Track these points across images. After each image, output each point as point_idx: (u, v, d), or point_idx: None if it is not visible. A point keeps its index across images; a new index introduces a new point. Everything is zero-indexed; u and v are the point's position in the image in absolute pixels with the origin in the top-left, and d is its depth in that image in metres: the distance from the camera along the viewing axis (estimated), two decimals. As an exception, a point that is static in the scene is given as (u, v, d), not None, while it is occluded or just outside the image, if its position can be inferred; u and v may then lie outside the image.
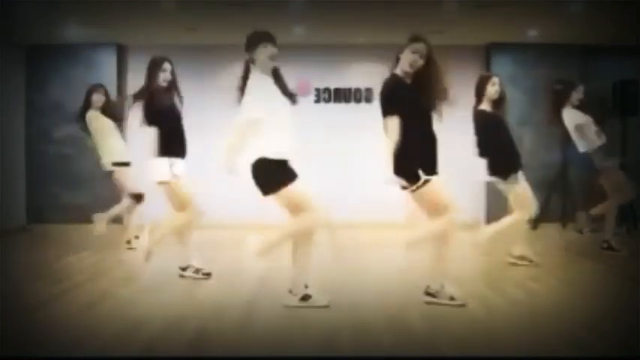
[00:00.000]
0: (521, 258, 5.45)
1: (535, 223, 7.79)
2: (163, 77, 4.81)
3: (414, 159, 3.86)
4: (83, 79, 7.93)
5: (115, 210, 6.23)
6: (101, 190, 7.72)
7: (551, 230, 7.46)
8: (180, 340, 3.40)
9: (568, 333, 3.51)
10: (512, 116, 8.12)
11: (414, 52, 3.89)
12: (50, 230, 7.56)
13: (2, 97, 7.50)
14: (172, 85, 4.88)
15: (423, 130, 3.94)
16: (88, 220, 6.96)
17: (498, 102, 5.33)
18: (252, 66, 4.00)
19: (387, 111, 3.91)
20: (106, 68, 8.14)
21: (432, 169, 3.92)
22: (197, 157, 5.05)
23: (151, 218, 5.48)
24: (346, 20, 6.91)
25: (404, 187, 3.93)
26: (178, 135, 4.87)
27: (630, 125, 7.69)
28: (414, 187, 3.88)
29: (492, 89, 5.28)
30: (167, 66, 4.84)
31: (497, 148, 5.25)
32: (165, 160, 4.73)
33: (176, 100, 4.93)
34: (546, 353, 3.21)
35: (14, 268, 5.52)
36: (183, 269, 4.92)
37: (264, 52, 3.94)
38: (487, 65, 8.22)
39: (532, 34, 7.49)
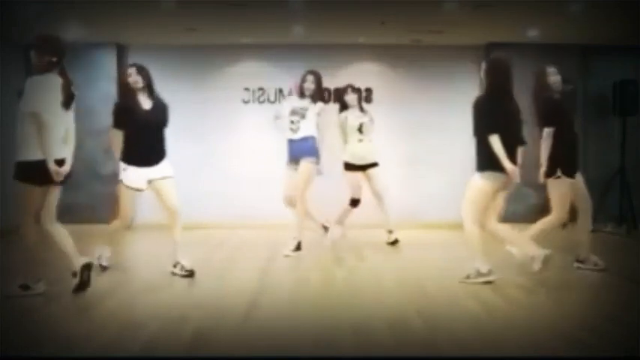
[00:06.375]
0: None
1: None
2: None
3: None
4: (83, 79, 7.92)
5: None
6: (101, 190, 7.73)
7: (551, 230, 7.42)
8: (179, 340, 3.40)
9: (568, 333, 3.51)
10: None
11: None
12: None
13: (2, 97, 7.48)
14: None
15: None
16: (88, 220, 6.97)
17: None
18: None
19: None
20: (106, 68, 8.13)
21: None
22: (196, 157, 5.07)
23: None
24: (346, 20, 6.90)
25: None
26: None
27: (630, 125, 7.69)
28: None
29: (554, 78, 5.08)
30: None
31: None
32: None
33: None
34: (546, 353, 3.21)
35: (14, 268, 5.50)
36: None
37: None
38: (487, 65, 8.22)
39: (532, 34, 7.48)
